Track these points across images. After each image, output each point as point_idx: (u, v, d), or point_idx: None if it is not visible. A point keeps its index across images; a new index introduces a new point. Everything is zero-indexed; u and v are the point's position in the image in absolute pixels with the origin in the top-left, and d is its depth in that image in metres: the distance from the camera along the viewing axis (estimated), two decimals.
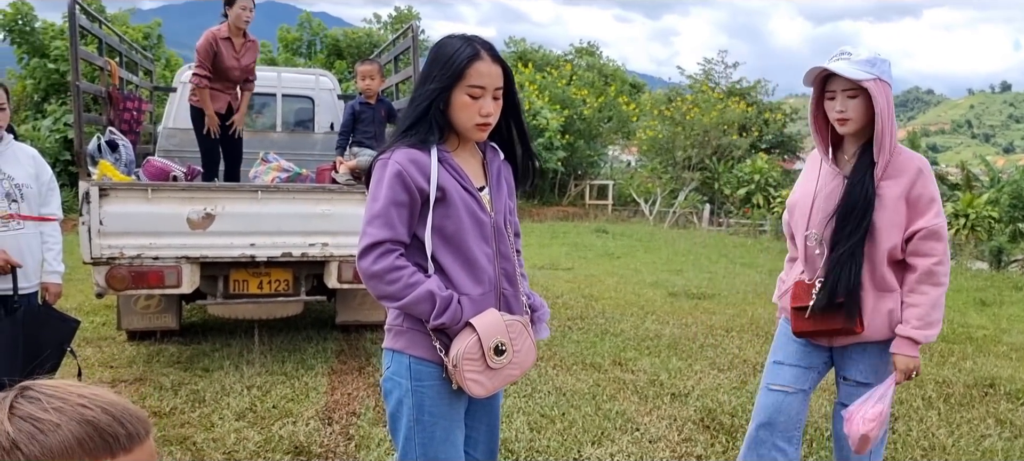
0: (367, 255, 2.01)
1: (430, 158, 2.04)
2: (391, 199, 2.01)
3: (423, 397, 2.10)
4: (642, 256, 13.02)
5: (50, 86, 17.89)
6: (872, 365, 2.70)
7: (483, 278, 2.12)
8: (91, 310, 6.90)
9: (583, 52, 32.18)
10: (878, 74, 2.55)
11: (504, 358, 2.07)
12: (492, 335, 2.05)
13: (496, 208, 2.18)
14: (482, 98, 2.06)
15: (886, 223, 2.59)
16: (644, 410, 4.64)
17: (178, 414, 4.43)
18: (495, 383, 2.09)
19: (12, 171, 3.46)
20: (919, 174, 2.59)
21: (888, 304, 2.64)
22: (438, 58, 2.09)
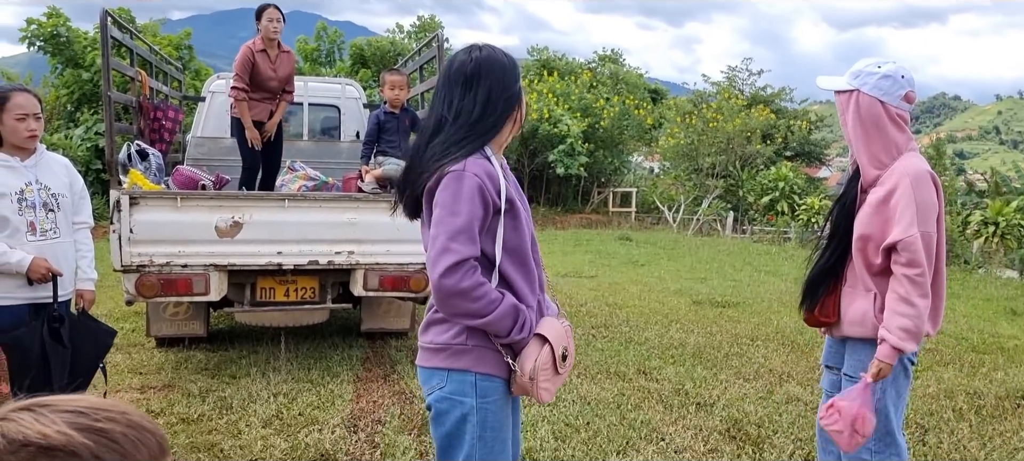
0: (454, 272, 1.94)
1: (496, 169, 2.05)
2: (472, 213, 1.97)
3: (487, 413, 2.09)
4: (666, 264, 12.97)
5: (83, 95, 18.17)
6: (860, 362, 2.78)
7: (536, 288, 2.16)
8: (120, 317, 6.99)
9: (606, 59, 32.15)
10: (858, 85, 2.66)
11: (568, 363, 2.14)
12: (560, 342, 2.11)
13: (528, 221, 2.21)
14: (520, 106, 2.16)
15: (864, 227, 2.70)
16: (669, 420, 4.62)
17: (205, 421, 4.47)
18: (556, 386, 2.14)
19: (48, 181, 3.53)
20: (899, 182, 2.60)
21: (861, 303, 2.75)
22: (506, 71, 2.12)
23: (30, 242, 3.43)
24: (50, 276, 3.44)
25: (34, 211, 3.45)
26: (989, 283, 11.40)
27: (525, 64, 31.05)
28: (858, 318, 2.77)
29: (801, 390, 5.20)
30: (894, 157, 2.66)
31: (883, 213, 2.64)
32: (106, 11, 4.99)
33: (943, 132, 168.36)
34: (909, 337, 2.59)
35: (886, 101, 2.65)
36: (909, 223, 2.56)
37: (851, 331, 2.81)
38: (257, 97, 5.84)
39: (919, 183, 2.60)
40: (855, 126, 2.69)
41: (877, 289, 2.73)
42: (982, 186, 23.05)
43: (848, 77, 2.71)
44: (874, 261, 2.70)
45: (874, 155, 2.68)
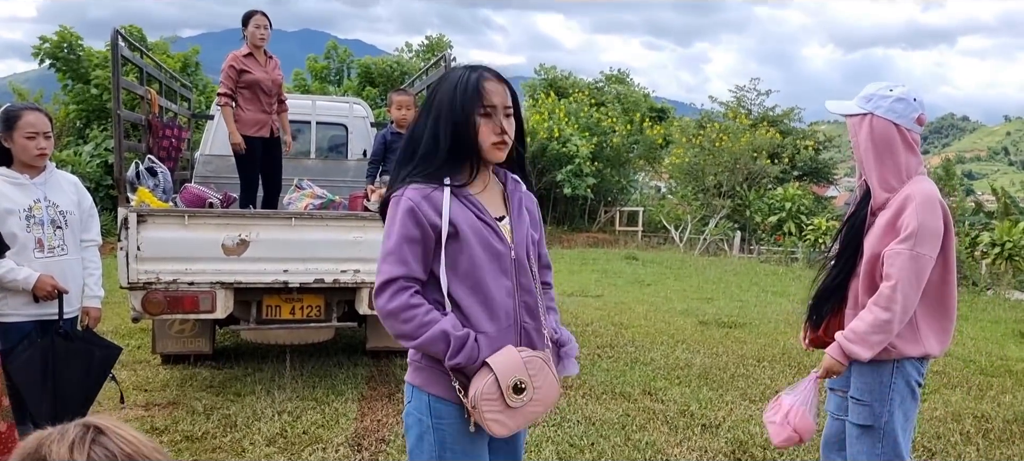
0: (382, 292, 2.00)
1: (442, 192, 2.03)
2: (403, 235, 2.00)
3: (444, 434, 2.07)
4: (672, 283, 12.95)
5: (92, 112, 18.31)
6: (867, 384, 2.78)
7: (500, 313, 2.08)
8: (126, 333, 7.02)
9: (613, 79, 32.24)
10: (871, 109, 2.70)
11: (524, 396, 2.02)
12: (510, 373, 2.00)
13: (516, 239, 2.14)
14: (495, 116, 2.06)
15: (874, 248, 2.71)
16: (674, 441, 4.60)
17: (210, 438, 4.47)
18: (517, 421, 2.04)
19: (57, 198, 3.56)
20: (906, 202, 2.63)
21: None
22: (445, 89, 2.08)
23: (38, 259, 3.45)
24: (56, 293, 3.46)
25: (42, 228, 3.48)
26: (997, 305, 11.33)
27: (531, 83, 31.15)
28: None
29: None
30: (903, 181, 2.69)
31: (891, 234, 2.65)
32: (117, 30, 5.05)
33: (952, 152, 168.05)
34: (856, 340, 2.64)
35: (900, 124, 2.68)
36: (907, 236, 2.59)
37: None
38: (255, 108, 5.87)
39: (926, 207, 2.61)
40: (868, 149, 2.71)
41: None
42: (991, 207, 22.97)
43: (859, 101, 2.74)
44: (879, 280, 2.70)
45: (885, 178, 2.71)
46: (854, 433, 2.83)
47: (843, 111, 2.80)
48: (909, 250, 2.59)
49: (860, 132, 2.73)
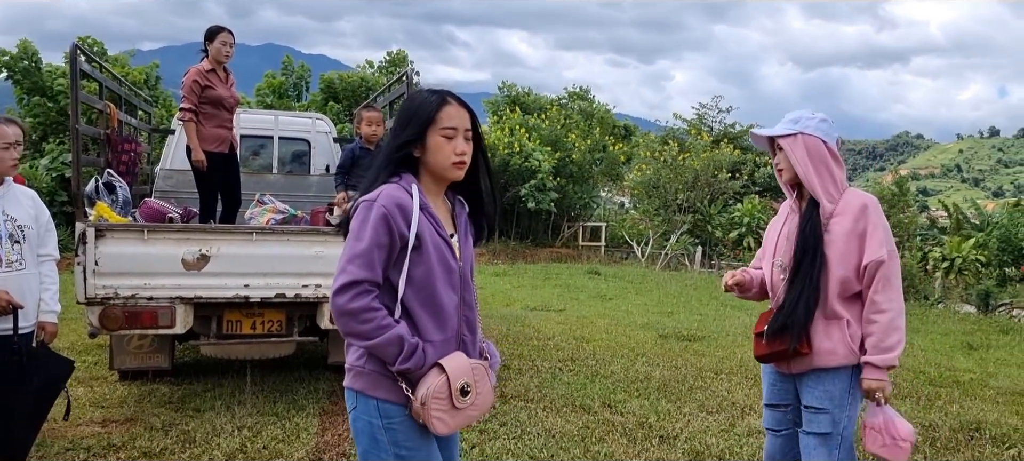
0: (345, 292, 2.09)
1: (413, 203, 2.16)
2: (375, 241, 2.11)
3: (396, 433, 2.18)
4: (634, 298, 13.08)
5: (48, 125, 18.01)
6: (827, 391, 2.90)
7: (447, 325, 2.23)
8: (83, 349, 6.92)
9: (575, 96, 32.50)
10: (800, 129, 2.92)
11: (468, 399, 2.18)
12: (460, 376, 2.16)
13: (463, 257, 2.31)
14: (455, 138, 2.21)
15: (836, 257, 2.86)
16: (632, 452, 4.68)
17: (168, 455, 4.45)
18: (457, 422, 2.19)
19: (15, 212, 3.53)
20: (864, 210, 2.86)
21: (835, 332, 2.88)
22: (409, 109, 2.25)
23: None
24: (10, 309, 3.43)
25: (0, 242, 3.45)
26: (947, 318, 11.64)
27: (494, 100, 31.27)
28: (833, 347, 2.87)
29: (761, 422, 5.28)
30: (841, 190, 2.92)
31: (856, 239, 2.85)
32: (76, 44, 5.02)
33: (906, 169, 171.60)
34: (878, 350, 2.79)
35: (827, 141, 2.92)
36: (880, 243, 2.81)
37: (824, 362, 2.88)
38: (215, 123, 5.86)
39: (879, 208, 2.90)
40: (808, 164, 2.90)
41: (847, 314, 2.88)
42: (944, 223, 23.54)
43: (787, 124, 2.97)
44: (851, 287, 2.87)
45: (826, 190, 2.90)
46: (812, 442, 2.91)
47: (772, 133, 2.99)
48: (887, 252, 2.81)
49: (796, 150, 2.92)
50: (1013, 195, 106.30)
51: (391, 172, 2.23)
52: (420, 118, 2.21)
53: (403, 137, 2.22)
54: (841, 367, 2.87)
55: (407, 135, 2.21)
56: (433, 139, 2.20)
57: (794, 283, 2.93)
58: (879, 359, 2.79)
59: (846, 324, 2.87)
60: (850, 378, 2.88)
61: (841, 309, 2.88)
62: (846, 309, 2.88)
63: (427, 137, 2.21)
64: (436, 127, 2.20)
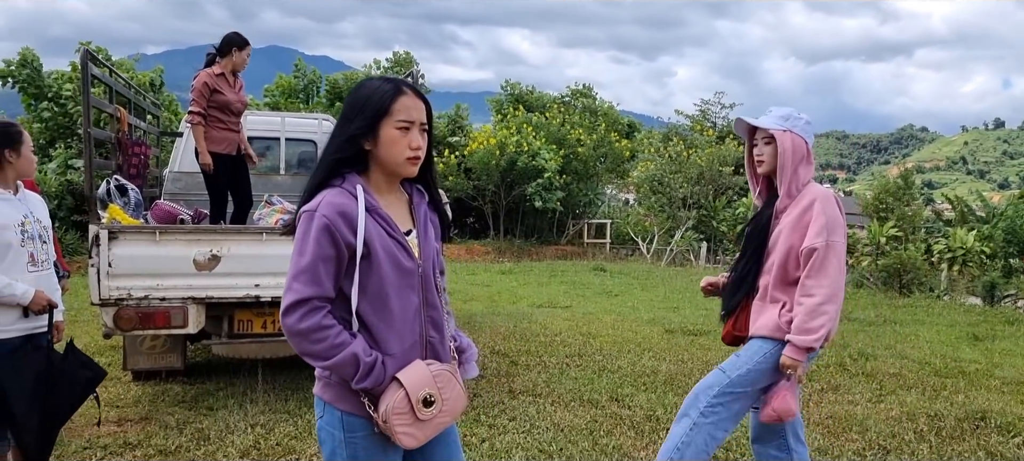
0: (293, 312, 1.97)
1: (358, 208, 2.01)
2: (318, 254, 1.97)
3: (356, 448, 2.09)
4: (640, 294, 13.13)
5: (56, 128, 18.13)
6: (747, 346, 3.25)
7: (407, 332, 2.10)
8: (96, 350, 6.99)
9: (578, 94, 32.54)
10: (790, 127, 3.16)
11: (433, 409, 2.06)
12: (419, 387, 2.03)
13: (424, 254, 2.15)
14: (411, 131, 2.06)
15: (780, 245, 3.14)
16: (640, 445, 4.73)
17: (183, 453, 4.52)
18: (426, 433, 2.07)
19: (39, 215, 3.62)
20: (812, 203, 3.09)
21: (770, 311, 3.17)
22: (359, 98, 2.07)
23: (30, 273, 3.48)
24: (48, 308, 3.51)
25: (33, 243, 3.53)
26: (953, 310, 11.67)
27: (498, 99, 31.33)
28: (765, 323, 3.17)
29: None
30: (801, 187, 3.17)
31: (800, 230, 3.09)
32: (86, 49, 5.09)
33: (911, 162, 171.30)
34: (801, 330, 3.02)
35: (809, 143, 3.19)
36: (818, 232, 3.03)
37: (758, 331, 3.20)
38: (222, 125, 5.93)
39: (829, 201, 3.10)
40: (789, 160, 3.14)
41: (785, 298, 3.14)
42: (950, 216, 23.54)
43: (778, 120, 3.20)
44: (792, 273, 3.12)
45: (791, 186, 3.16)
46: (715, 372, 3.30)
47: (765, 125, 3.20)
48: (824, 242, 3.02)
49: (785, 144, 3.14)
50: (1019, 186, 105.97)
51: (333, 171, 2.07)
52: (372, 108, 2.03)
53: (351, 129, 2.04)
54: (762, 337, 3.17)
55: (356, 127, 2.04)
56: (387, 132, 2.04)
57: (739, 267, 3.33)
58: (799, 339, 3.01)
59: (781, 306, 3.13)
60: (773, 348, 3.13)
61: (780, 293, 3.15)
62: (785, 293, 3.14)
63: (380, 129, 2.04)
64: (390, 119, 2.03)
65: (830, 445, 4.79)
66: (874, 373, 6.72)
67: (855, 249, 17.15)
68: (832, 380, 6.46)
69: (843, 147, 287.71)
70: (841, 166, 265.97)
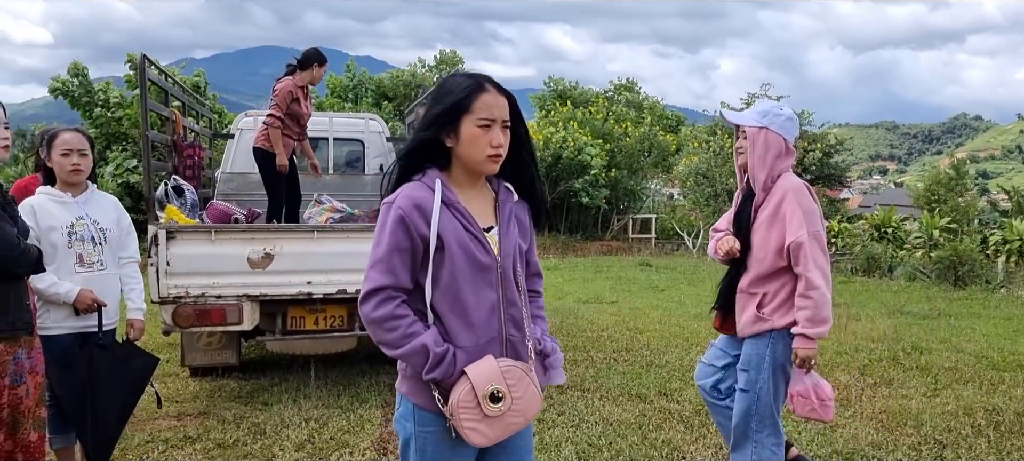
0: (368, 300, 2.02)
1: (434, 201, 2.04)
2: (393, 245, 2.01)
3: (426, 442, 2.11)
4: (686, 288, 13.05)
5: (111, 135, 18.66)
6: (747, 356, 3.36)
7: (483, 328, 2.08)
8: (156, 347, 7.18)
9: (622, 88, 32.38)
10: (767, 123, 3.23)
11: (501, 405, 2.03)
12: (486, 382, 2.01)
13: (504, 250, 2.13)
14: (492, 129, 2.05)
15: (759, 240, 3.26)
16: (690, 439, 4.73)
17: (240, 446, 4.64)
18: (496, 432, 2.05)
19: (97, 216, 3.75)
20: (784, 194, 3.19)
21: (751, 306, 3.30)
22: (441, 95, 2.09)
23: (78, 273, 3.64)
24: (95, 306, 3.64)
25: (83, 244, 3.67)
26: (1010, 302, 11.36)
27: (540, 95, 31.33)
28: (750, 319, 3.32)
29: None
30: (775, 180, 3.26)
31: (775, 223, 3.20)
32: (143, 55, 5.24)
33: (964, 152, 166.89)
34: (814, 323, 3.14)
35: (788, 139, 3.25)
36: (798, 225, 3.12)
37: (745, 331, 3.35)
38: (288, 133, 6.15)
39: (799, 192, 3.19)
40: (762, 156, 3.23)
41: (763, 290, 3.27)
42: (1006, 206, 22.90)
43: (756, 115, 3.29)
44: (773, 265, 3.23)
45: (765, 181, 3.25)
46: (738, 395, 3.40)
47: (741, 122, 3.29)
48: (807, 233, 3.11)
49: (757, 142, 3.24)
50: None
51: (413, 165, 2.11)
52: (454, 105, 2.04)
53: (434, 126, 2.07)
54: (758, 335, 3.29)
55: (438, 124, 2.06)
56: (467, 129, 2.04)
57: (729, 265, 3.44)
58: (813, 331, 3.14)
59: (761, 298, 3.27)
60: (766, 345, 3.28)
61: (758, 287, 3.29)
62: (762, 287, 3.28)
63: (461, 126, 2.05)
64: (471, 116, 2.04)
65: (884, 440, 4.73)
66: (928, 367, 6.60)
67: (907, 242, 16.82)
68: (885, 374, 6.36)
69: (893, 138, 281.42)
70: (891, 157, 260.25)
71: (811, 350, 3.20)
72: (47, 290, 3.50)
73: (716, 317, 3.58)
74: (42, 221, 3.54)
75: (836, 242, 17.59)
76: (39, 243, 3.47)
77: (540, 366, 2.23)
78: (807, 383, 3.30)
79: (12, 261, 3.01)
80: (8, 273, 3.04)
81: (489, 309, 2.09)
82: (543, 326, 2.30)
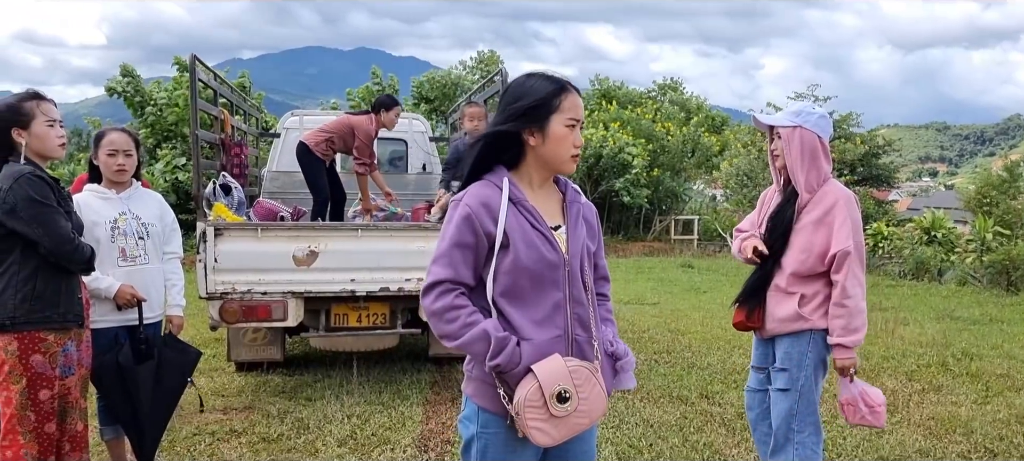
0: (428, 293, 2.05)
1: (502, 199, 2.05)
2: (455, 240, 2.04)
3: (487, 444, 2.11)
4: (728, 291, 12.88)
5: (161, 134, 19.15)
6: (786, 353, 3.31)
7: (548, 326, 2.08)
8: (202, 342, 7.33)
9: (666, 88, 32.18)
10: (800, 122, 3.20)
11: (568, 406, 2.01)
12: (554, 381, 1.99)
13: (572, 249, 2.13)
14: (575, 129, 2.09)
15: (800, 243, 3.23)
16: (732, 443, 4.68)
17: (285, 440, 4.71)
18: (561, 432, 2.03)
19: (140, 212, 3.85)
20: (836, 202, 3.16)
21: (786, 306, 3.27)
22: (524, 93, 2.09)
23: (121, 267, 3.74)
24: (135, 301, 3.72)
25: (126, 239, 3.77)
26: None
27: (586, 94, 31.27)
28: (786, 316, 3.27)
29: None
30: (821, 183, 3.23)
31: (823, 229, 3.17)
32: (194, 55, 5.36)
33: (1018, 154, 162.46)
34: (848, 332, 3.13)
35: (822, 137, 3.23)
36: (848, 235, 3.11)
37: (779, 328, 3.31)
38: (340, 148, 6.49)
39: (851, 203, 3.18)
40: (799, 157, 3.20)
41: (801, 291, 3.23)
42: None
43: (789, 116, 3.26)
44: (813, 269, 3.20)
45: (809, 182, 3.21)
46: (777, 396, 3.36)
47: (774, 123, 3.27)
48: (853, 244, 3.11)
49: (793, 142, 3.21)
50: None
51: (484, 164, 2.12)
52: (543, 103, 2.06)
53: (519, 121, 2.07)
54: (797, 332, 3.25)
55: (525, 119, 2.07)
56: (555, 128, 2.07)
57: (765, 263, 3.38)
58: (850, 340, 3.14)
59: (800, 298, 3.23)
60: (807, 342, 3.25)
61: (796, 287, 3.24)
62: (801, 287, 3.24)
63: (549, 124, 2.07)
64: (561, 115, 2.07)
65: (932, 447, 4.64)
66: (979, 373, 6.44)
67: (957, 245, 16.41)
68: (934, 380, 6.23)
69: (944, 139, 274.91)
70: (941, 159, 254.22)
71: (849, 359, 3.19)
72: (90, 284, 3.59)
73: (737, 312, 3.53)
74: (86, 216, 3.65)
75: (883, 245, 17.24)
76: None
77: (610, 369, 2.21)
78: (854, 391, 3.28)
79: (66, 257, 3.10)
80: (61, 267, 3.13)
81: (554, 307, 2.09)
82: (612, 329, 2.29)
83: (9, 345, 3.07)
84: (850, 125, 30.26)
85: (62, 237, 3.06)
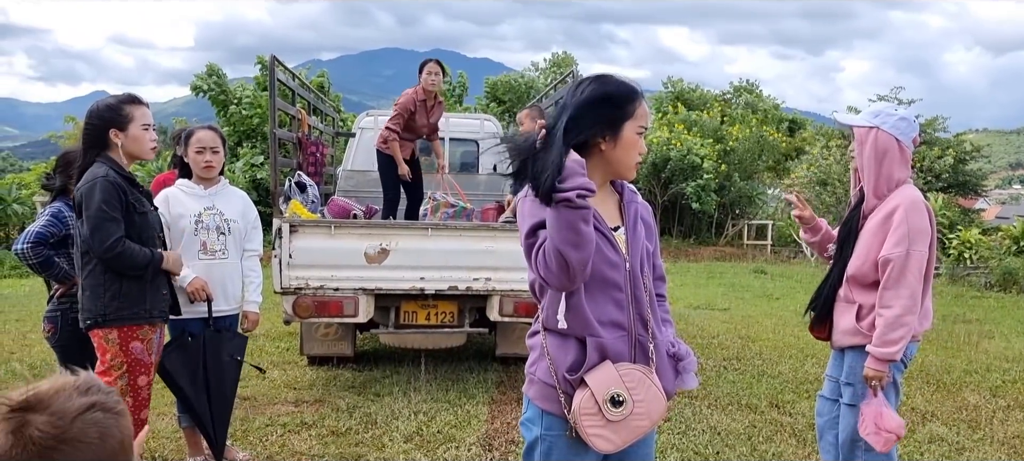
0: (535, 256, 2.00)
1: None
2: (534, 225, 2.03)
3: (551, 446, 2.12)
4: (802, 298, 12.56)
5: (243, 132, 19.79)
6: (851, 367, 3.20)
7: (613, 324, 2.09)
8: (277, 336, 7.56)
9: (742, 90, 31.58)
10: (878, 123, 3.07)
11: (623, 409, 2.02)
12: (605, 387, 2.02)
13: (632, 250, 2.14)
14: (642, 137, 2.09)
15: (863, 249, 3.11)
16: (802, 454, 4.58)
17: (353, 434, 4.81)
18: (622, 436, 2.05)
19: (224, 208, 4.00)
20: (898, 206, 3.01)
21: (847, 317, 3.17)
22: (601, 97, 2.03)
23: (201, 260, 3.89)
24: (205, 296, 3.85)
25: (208, 233, 3.92)
26: None
27: (658, 96, 30.95)
28: (847, 328, 3.18)
29: (946, 430, 5.01)
30: (892, 189, 3.08)
31: (882, 235, 3.03)
32: (273, 56, 5.52)
33: None
34: (880, 343, 2.97)
35: (901, 140, 3.08)
36: (897, 242, 2.96)
37: (842, 341, 3.22)
38: (406, 137, 6.44)
39: (914, 209, 3.00)
40: (870, 159, 3.08)
41: (861, 301, 3.12)
42: None
43: (868, 116, 3.14)
44: (870, 276, 3.08)
45: (878, 186, 3.09)
46: (844, 411, 3.25)
47: (852, 123, 3.16)
48: (905, 250, 2.95)
49: (866, 143, 3.10)
50: None
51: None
52: (621, 109, 2.04)
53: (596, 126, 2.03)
54: (858, 347, 3.11)
55: (602, 124, 2.03)
56: (628, 134, 2.05)
57: (833, 270, 3.29)
58: (879, 351, 2.98)
59: (858, 309, 3.12)
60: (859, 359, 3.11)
61: (856, 296, 3.14)
62: (860, 296, 3.12)
63: (623, 130, 2.05)
64: (634, 122, 2.05)
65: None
66: None
67: None
68: (1020, 397, 5.96)
69: None
70: None
71: (875, 370, 3.01)
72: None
73: (811, 321, 3.45)
74: (173, 209, 3.83)
75: (969, 255, 16.55)
76: (169, 230, 3.73)
77: (672, 370, 2.21)
78: (873, 406, 3.06)
79: (110, 262, 3.24)
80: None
81: (617, 307, 2.09)
82: (671, 330, 2.28)
83: (110, 334, 3.26)
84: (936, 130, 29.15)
85: (105, 244, 3.19)
